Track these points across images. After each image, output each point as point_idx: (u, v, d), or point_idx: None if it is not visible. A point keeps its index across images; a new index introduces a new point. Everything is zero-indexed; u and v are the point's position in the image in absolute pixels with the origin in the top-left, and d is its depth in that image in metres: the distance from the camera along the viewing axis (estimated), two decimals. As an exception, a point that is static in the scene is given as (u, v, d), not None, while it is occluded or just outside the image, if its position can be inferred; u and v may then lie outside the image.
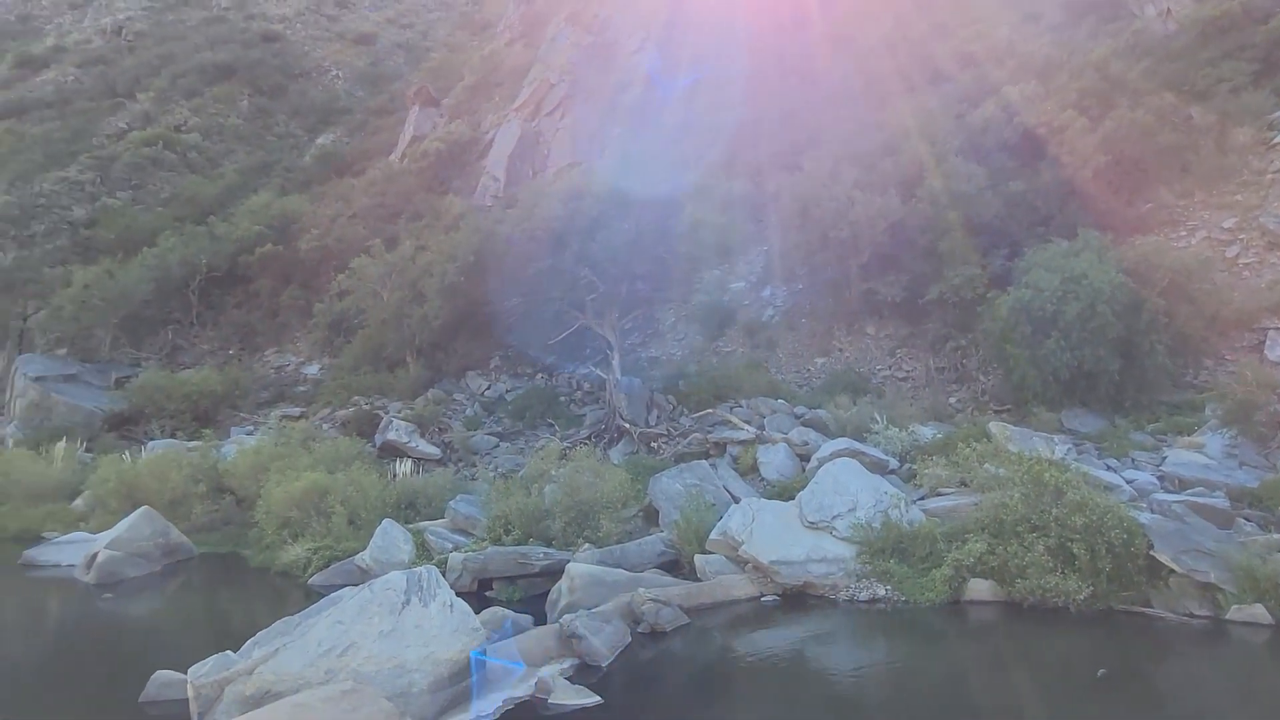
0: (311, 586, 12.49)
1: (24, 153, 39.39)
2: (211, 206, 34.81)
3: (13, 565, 15.07)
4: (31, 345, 30.69)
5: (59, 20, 60.36)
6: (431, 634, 7.19)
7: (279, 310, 29.65)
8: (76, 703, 8.48)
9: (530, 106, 30.22)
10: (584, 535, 12.75)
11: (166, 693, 7.74)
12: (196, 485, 17.52)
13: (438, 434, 20.11)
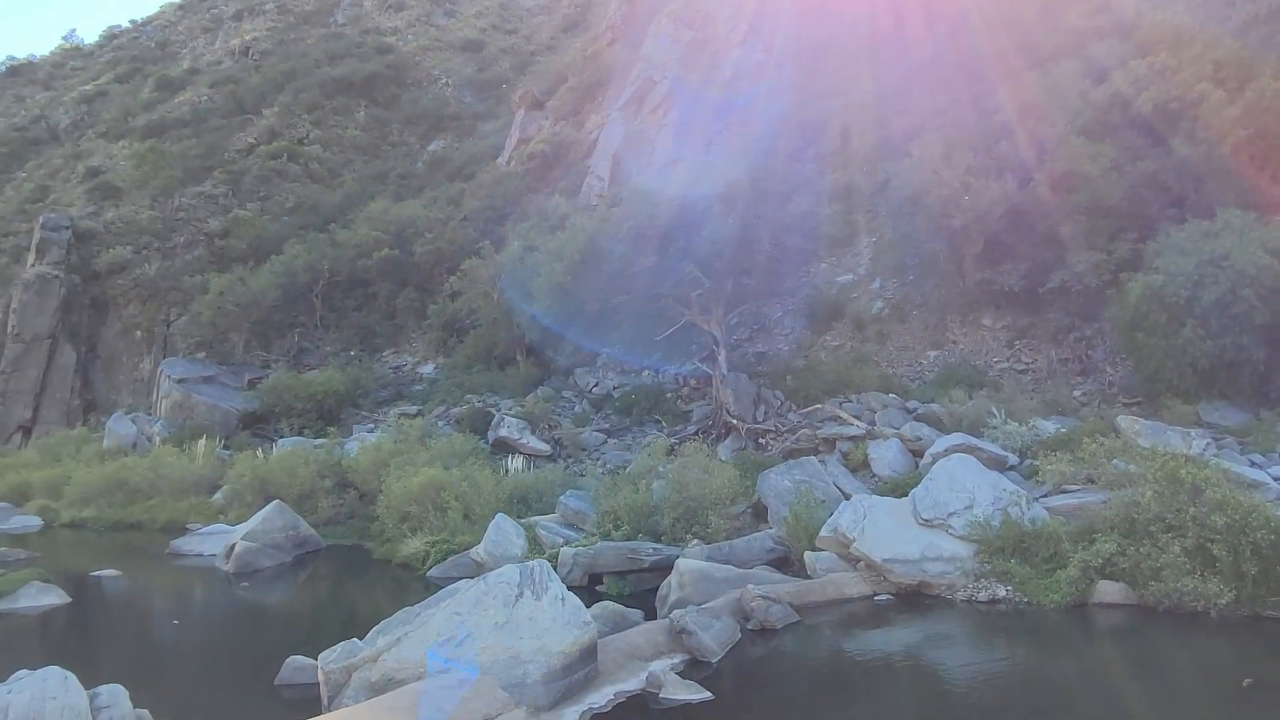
0: (430, 578, 12.93)
1: (164, 170, 42.20)
2: (332, 214, 36.45)
3: (162, 554, 16.20)
4: (174, 349, 32.91)
5: (193, 44, 64.43)
6: (544, 626, 7.33)
7: (396, 312, 30.82)
8: (219, 683, 9.04)
9: (633, 105, 30.39)
10: (693, 531, 12.76)
11: (299, 676, 8.15)
12: (322, 480, 18.42)
13: (547, 430, 20.49)
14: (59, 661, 6.80)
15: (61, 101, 62.55)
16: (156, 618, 13.00)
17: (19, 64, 78.14)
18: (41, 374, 32.74)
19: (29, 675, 6.42)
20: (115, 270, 36.14)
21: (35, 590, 11.95)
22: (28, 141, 58.68)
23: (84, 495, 20.96)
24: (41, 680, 6.33)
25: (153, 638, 11.63)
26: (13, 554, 16.05)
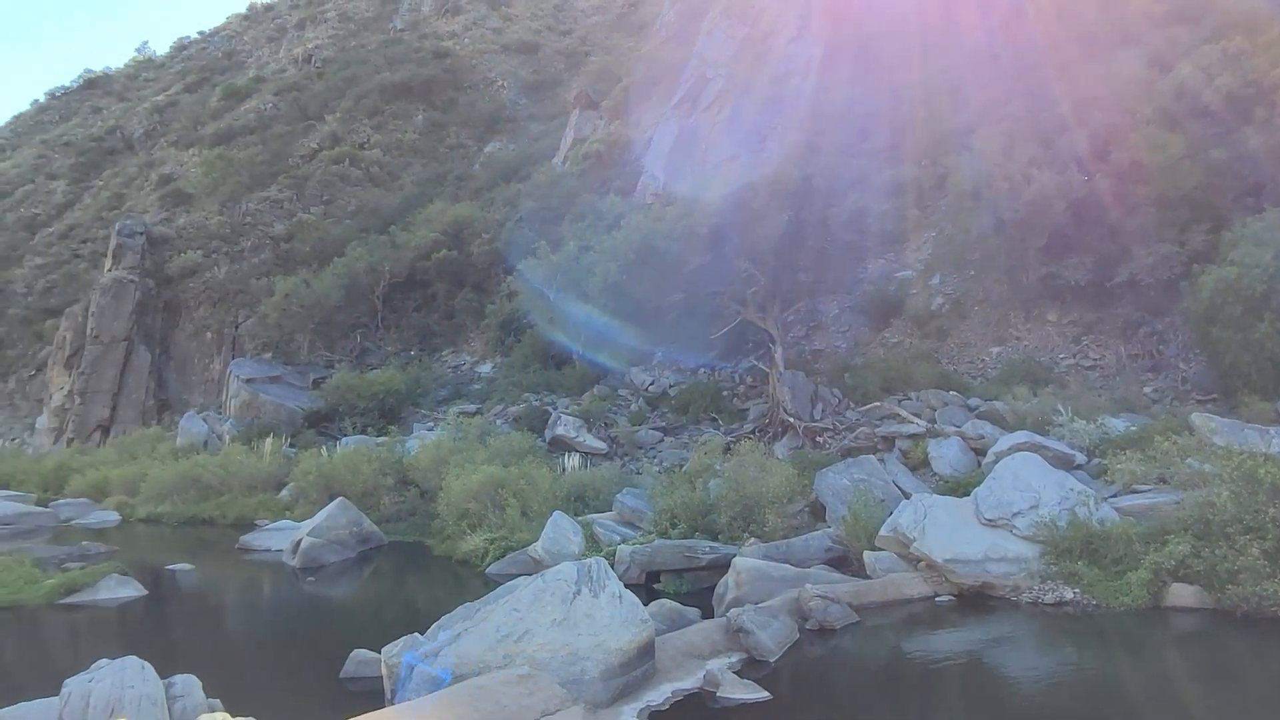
0: (488, 575, 13.09)
1: (232, 176, 43.49)
2: (392, 217, 37.17)
3: (232, 549, 16.70)
4: (242, 350, 33.91)
5: (258, 53, 66.22)
6: (601, 624, 7.37)
7: (454, 312, 31.29)
8: (286, 675, 9.29)
9: (687, 103, 30.35)
10: (749, 530, 12.71)
11: (363, 670, 8.33)
12: (384, 478, 18.79)
13: (604, 429, 20.60)
14: (136, 651, 7.06)
15: (135, 112, 64.90)
16: (227, 610, 13.42)
17: (95, 76, 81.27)
18: (119, 375, 34.00)
19: (109, 664, 6.68)
20: (186, 274, 37.40)
21: (114, 583, 12.41)
22: (104, 151, 61.03)
23: (159, 492, 21.72)
24: (120, 669, 6.58)
25: (224, 630, 12.00)
26: (93, 548, 16.71)
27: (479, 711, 6.14)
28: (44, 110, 79.69)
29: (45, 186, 59.24)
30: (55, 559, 15.14)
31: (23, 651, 10.52)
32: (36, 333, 42.04)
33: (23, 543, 17.70)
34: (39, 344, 41.17)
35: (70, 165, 60.15)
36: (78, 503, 23.12)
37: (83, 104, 75.87)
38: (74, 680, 6.50)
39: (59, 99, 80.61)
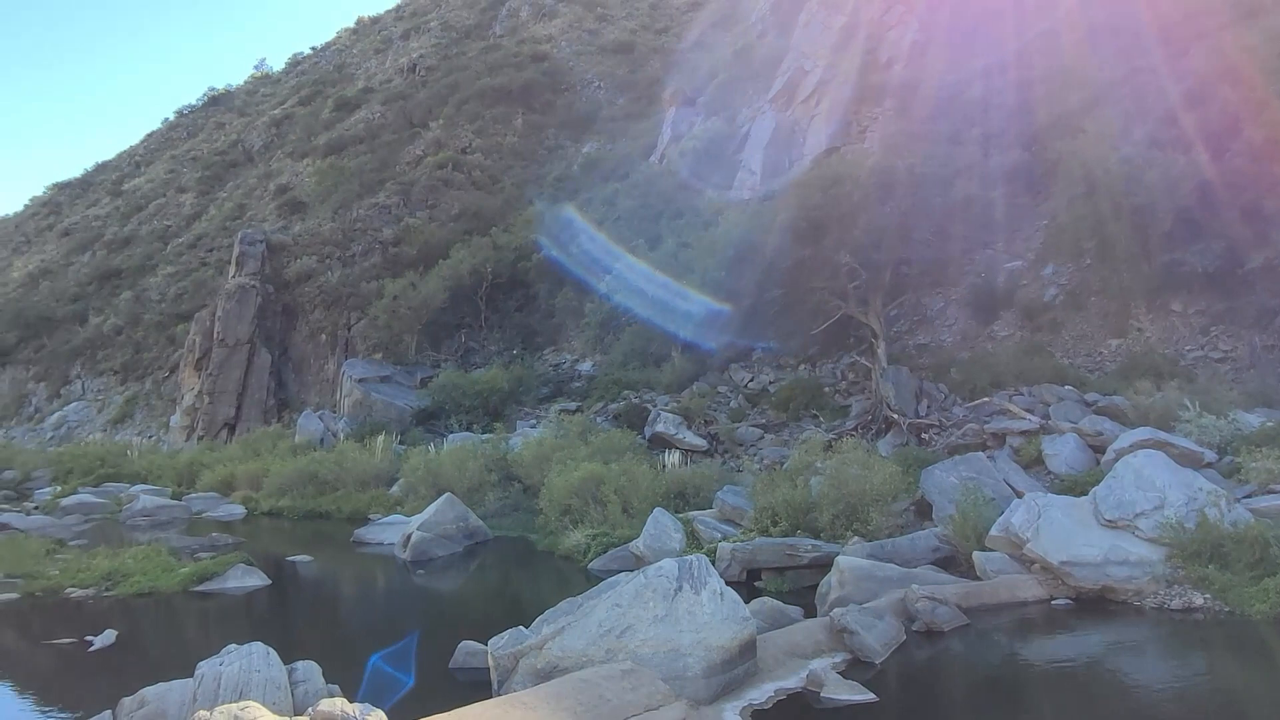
0: (591, 570, 13.25)
1: (343, 184, 45.32)
2: (494, 218, 38.01)
3: (347, 542, 17.40)
4: (354, 351, 35.26)
5: (366, 65, 68.71)
6: (703, 621, 7.36)
7: (555, 311, 31.78)
8: (399, 664, 9.62)
9: (785, 96, 29.97)
10: (853, 528, 12.48)
11: (471, 661, 8.56)
12: (489, 474, 19.24)
13: (704, 426, 20.57)
14: (261, 637, 7.44)
15: (254, 126, 68.34)
16: (343, 601, 14.00)
17: (218, 94, 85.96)
18: (242, 375, 35.85)
19: (237, 649, 7.06)
20: (302, 279, 39.15)
21: (240, 572, 13.12)
22: (227, 164, 64.49)
23: (280, 487, 22.80)
24: (247, 654, 6.95)
25: (340, 619, 12.54)
26: (221, 539, 17.71)
27: (583, 704, 6.23)
28: (173, 128, 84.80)
29: (175, 199, 63.05)
30: (188, 549, 16.11)
31: (161, 634, 11.24)
32: (169, 336, 44.77)
33: (160, 533, 18.90)
34: (172, 347, 43.84)
35: (197, 179, 63.81)
36: (207, 496, 24.47)
37: (208, 120, 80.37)
38: (206, 663, 6.90)
39: (186, 116, 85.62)
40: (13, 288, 62.53)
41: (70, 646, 9.95)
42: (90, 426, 43.89)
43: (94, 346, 49.13)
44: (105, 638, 10.04)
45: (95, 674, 9.17)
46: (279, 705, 6.29)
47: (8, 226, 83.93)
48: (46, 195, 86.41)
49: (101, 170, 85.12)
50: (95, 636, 10.07)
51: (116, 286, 53.44)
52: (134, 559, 13.76)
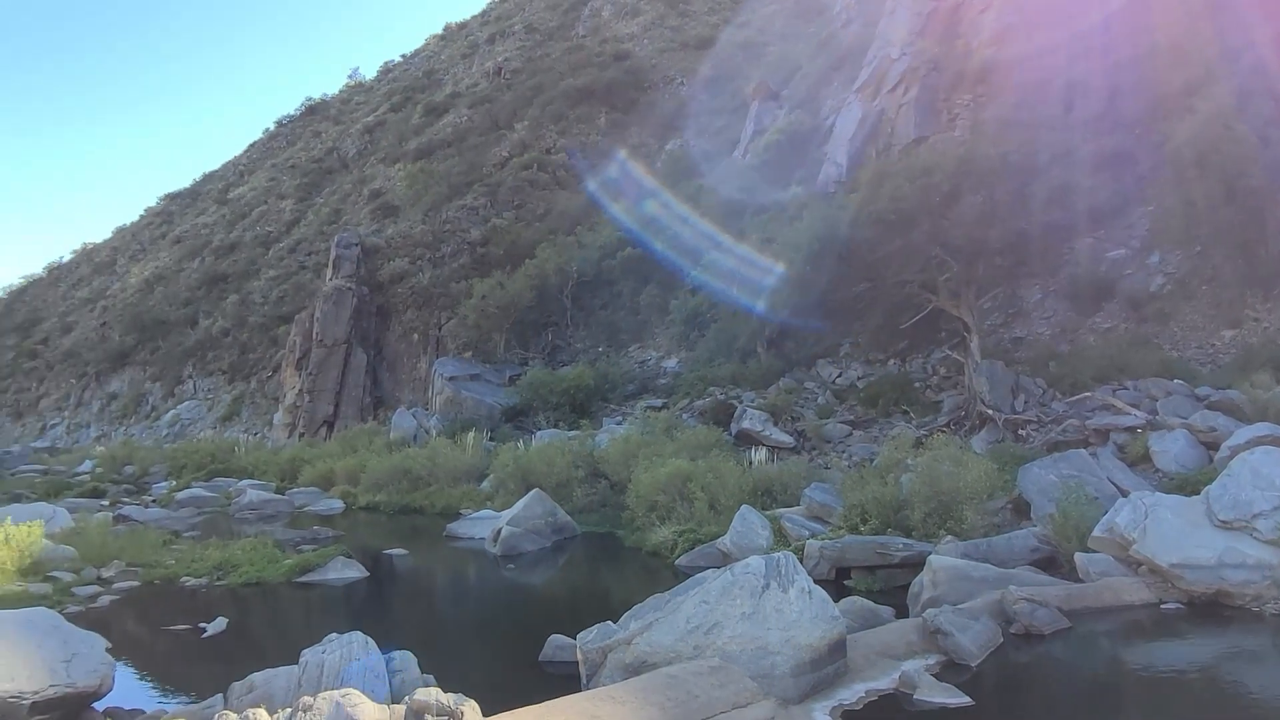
0: (678, 567, 13.27)
1: (433, 187, 46.49)
2: (579, 218, 38.41)
3: (439, 536, 17.86)
4: (445, 350, 36.16)
5: (454, 70, 70.25)
6: (791, 619, 7.29)
7: (640, 309, 31.92)
8: (490, 655, 9.85)
9: (871, 86, 29.37)
10: (946, 527, 12.16)
11: (560, 654, 8.69)
12: (576, 470, 19.45)
13: (790, 422, 20.35)
14: (360, 627, 7.71)
15: (348, 133, 70.67)
16: (437, 593, 14.38)
17: (314, 103, 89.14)
18: (340, 375, 37.18)
19: (338, 638, 7.34)
20: (395, 280, 40.34)
21: (340, 564, 13.61)
22: (323, 171, 66.88)
23: (376, 482, 23.53)
24: (348, 643, 7.21)
25: (434, 611, 12.88)
26: (322, 532, 18.40)
27: (671, 700, 6.25)
28: (274, 137, 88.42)
29: (276, 206, 65.73)
30: (291, 541, 16.80)
31: (267, 622, 11.76)
32: (272, 338, 46.74)
33: (265, 526, 19.76)
34: (275, 348, 45.76)
35: (296, 185, 66.39)
36: (309, 491, 25.40)
37: (305, 129, 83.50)
38: (309, 651, 7.19)
39: (285, 126, 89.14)
40: (130, 293, 66.33)
41: (185, 632, 10.51)
42: (201, 424, 46.23)
43: (204, 348, 51.72)
44: (217, 625, 10.57)
45: (208, 659, 9.66)
46: (377, 693, 6.50)
47: (125, 235, 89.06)
48: (159, 205, 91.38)
49: (208, 180, 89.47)
50: (208, 624, 10.62)
51: (223, 291, 56.08)
52: (242, 551, 14.43)
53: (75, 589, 12.51)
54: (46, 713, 6.68)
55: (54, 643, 7.20)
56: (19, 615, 7.50)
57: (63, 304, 78.06)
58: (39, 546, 13.27)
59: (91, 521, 17.10)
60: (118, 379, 57.11)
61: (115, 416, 54.04)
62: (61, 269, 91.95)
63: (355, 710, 5.56)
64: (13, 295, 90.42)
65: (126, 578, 13.53)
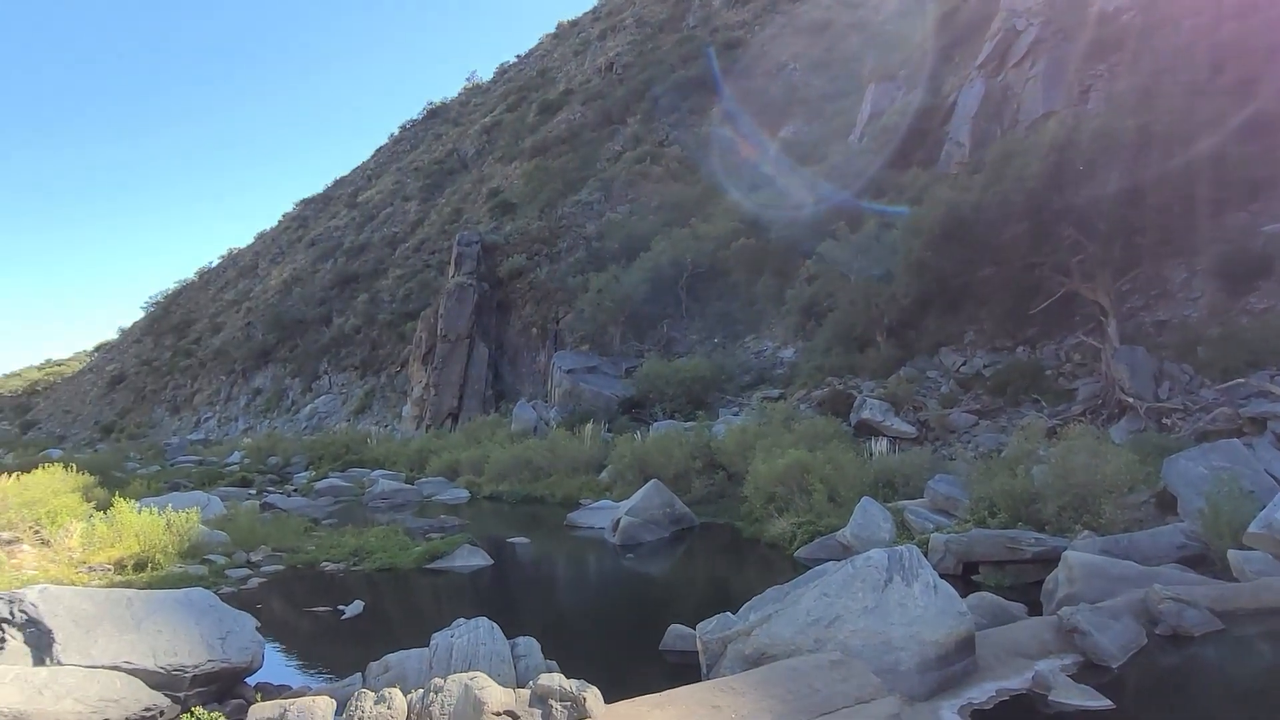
0: (797, 559, 13.12)
1: (549, 184, 47.40)
2: (692, 209, 38.39)
3: (560, 526, 18.24)
4: (563, 343, 36.86)
5: (567, 67, 71.33)
6: (915, 614, 7.10)
7: (755, 299, 31.67)
8: (611, 643, 10.00)
9: (995, 60, 28.11)
10: (1082, 521, 11.57)
11: (679, 644, 8.74)
12: (694, 461, 19.50)
13: (912, 412, 19.78)
14: (485, 613, 7.96)
15: (467, 134, 72.84)
16: (558, 581, 14.69)
17: (435, 107, 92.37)
18: (463, 368, 38.45)
19: (465, 623, 7.60)
20: (514, 276, 41.40)
21: (466, 552, 14.09)
22: (445, 172, 69.20)
23: (499, 472, 24.24)
24: (475, 629, 7.47)
25: (556, 598, 13.17)
26: (449, 521, 19.08)
27: (792, 693, 6.20)
28: (398, 141, 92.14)
29: (401, 207, 68.46)
30: (420, 529, 17.49)
31: (399, 606, 12.30)
32: (400, 334, 48.77)
33: (396, 515, 20.65)
34: (402, 344, 47.73)
35: (419, 187, 68.96)
36: (436, 481, 26.38)
37: (426, 132, 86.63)
38: (439, 635, 7.48)
39: (408, 130, 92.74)
40: (271, 294, 70.51)
41: (326, 614, 11.11)
42: (336, 417, 48.73)
43: (337, 345, 54.49)
44: (354, 608, 11.13)
45: (346, 639, 10.19)
46: (503, 677, 6.70)
47: (266, 240, 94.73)
48: (295, 210, 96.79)
49: (339, 185, 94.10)
50: (346, 606, 11.20)
51: (354, 290, 58.90)
52: (375, 538, 15.15)
53: (228, 571, 13.43)
54: (205, 685, 7.20)
55: (211, 621, 7.75)
56: (180, 595, 8.10)
57: (212, 306, 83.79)
58: (196, 532, 14.30)
59: (241, 509, 18.33)
60: (261, 375, 60.89)
61: (260, 410, 57.65)
62: (210, 273, 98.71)
63: (483, 693, 5.75)
64: (169, 299, 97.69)
65: (272, 562, 14.41)
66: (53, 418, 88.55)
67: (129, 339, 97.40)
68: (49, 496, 14.69)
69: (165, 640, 7.22)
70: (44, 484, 15.48)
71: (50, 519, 13.93)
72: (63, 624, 6.95)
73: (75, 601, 7.33)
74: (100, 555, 13.11)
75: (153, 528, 13.61)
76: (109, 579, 12.30)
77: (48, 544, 13.39)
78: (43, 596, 7.20)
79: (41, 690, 5.90)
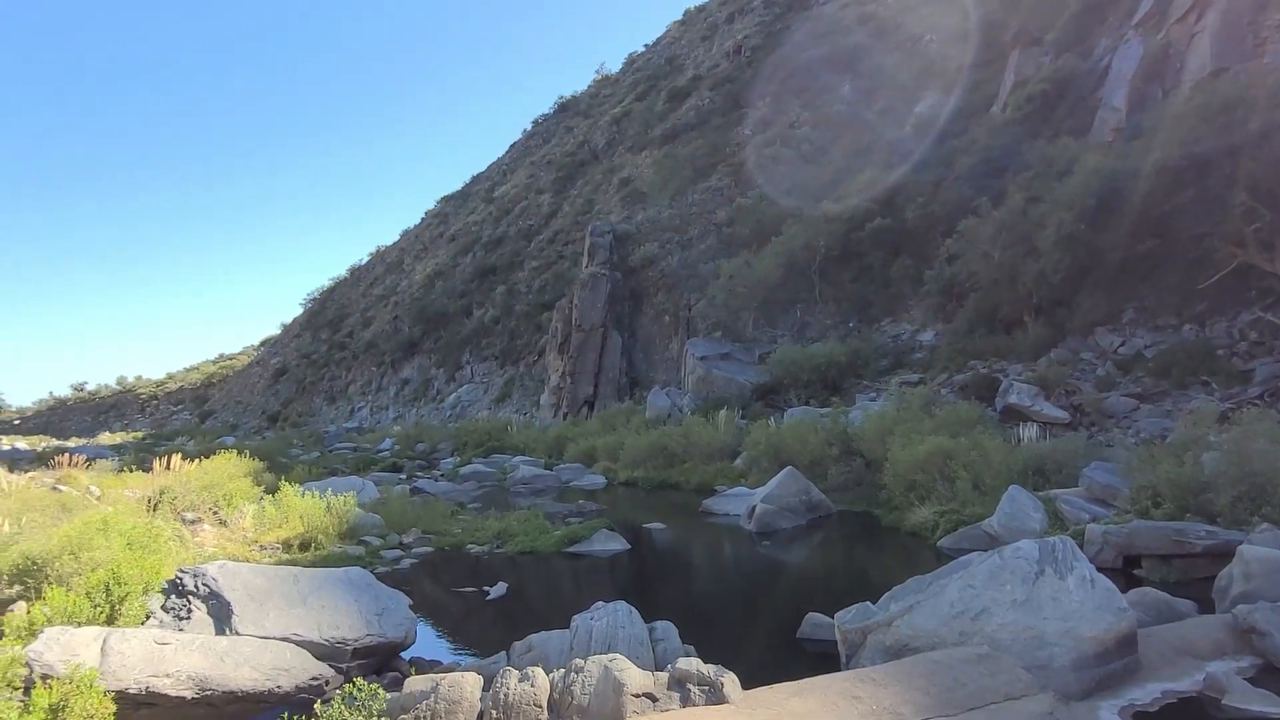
0: (940, 548, 12.71)
1: (678, 172, 47.46)
2: (824, 191, 37.55)
3: (695, 512, 18.32)
4: (695, 330, 36.90)
5: (694, 53, 71.07)
6: (1070, 609, 6.74)
7: (891, 281, 30.74)
8: (747, 630, 9.98)
9: (1154, 17, 26.10)
10: (1260, 513, 10.65)
11: (818, 632, 8.63)
12: (830, 448, 19.16)
13: (1064, 396, 18.75)
14: (623, 597, 8.10)
15: (598, 126, 73.78)
16: (694, 567, 14.78)
17: (566, 100, 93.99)
18: (598, 357, 39.15)
19: (604, 606, 7.76)
20: (646, 265, 41.74)
21: (604, 537, 14.38)
22: (576, 164, 70.42)
23: (634, 459, 24.56)
24: (613, 612, 7.61)
25: (692, 583, 13.25)
26: (587, 506, 19.51)
27: (936, 686, 6.02)
28: (531, 136, 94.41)
29: (535, 201, 70.17)
30: (559, 514, 17.97)
31: (540, 588, 12.69)
32: (537, 324, 50.13)
33: (536, 499, 21.28)
34: (539, 334, 49.05)
35: (552, 180, 70.48)
36: (573, 467, 26.99)
37: (558, 126, 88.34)
38: (579, 617, 7.67)
39: (541, 125, 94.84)
40: (415, 288, 73.88)
41: (472, 594, 11.60)
42: (478, 405, 50.64)
43: (478, 336, 56.58)
44: (499, 589, 11.57)
45: (491, 619, 10.60)
46: (641, 660, 6.81)
47: (410, 237, 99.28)
48: (436, 207, 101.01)
49: (476, 181, 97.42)
50: (490, 587, 11.65)
51: (493, 282, 60.93)
52: (517, 522, 15.68)
53: (382, 552, 14.21)
54: (364, 658, 7.66)
55: (368, 598, 8.24)
56: (340, 573, 8.65)
57: (362, 301, 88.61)
58: (353, 515, 15.21)
59: (393, 493, 19.36)
60: (409, 366, 63.99)
61: (408, 400, 60.63)
62: (360, 270, 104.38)
63: (622, 675, 5.86)
64: (324, 295, 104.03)
65: (422, 544, 15.15)
66: (226, 407, 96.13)
67: (290, 334, 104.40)
68: (225, 480, 15.94)
69: (328, 615, 7.72)
70: (220, 469, 16.81)
71: (226, 501, 15.13)
72: (239, 597, 7.55)
73: (249, 577, 7.95)
74: (270, 535, 14.15)
75: (314, 510, 14.57)
76: (277, 557, 13.25)
77: (225, 524, 14.56)
78: (222, 571, 7.84)
79: (223, 658, 6.43)
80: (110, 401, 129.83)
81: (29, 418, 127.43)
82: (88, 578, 7.51)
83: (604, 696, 5.80)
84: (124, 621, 7.02)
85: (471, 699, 5.83)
